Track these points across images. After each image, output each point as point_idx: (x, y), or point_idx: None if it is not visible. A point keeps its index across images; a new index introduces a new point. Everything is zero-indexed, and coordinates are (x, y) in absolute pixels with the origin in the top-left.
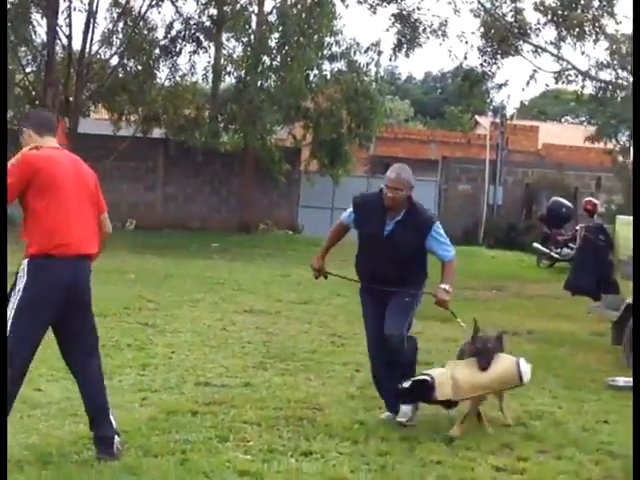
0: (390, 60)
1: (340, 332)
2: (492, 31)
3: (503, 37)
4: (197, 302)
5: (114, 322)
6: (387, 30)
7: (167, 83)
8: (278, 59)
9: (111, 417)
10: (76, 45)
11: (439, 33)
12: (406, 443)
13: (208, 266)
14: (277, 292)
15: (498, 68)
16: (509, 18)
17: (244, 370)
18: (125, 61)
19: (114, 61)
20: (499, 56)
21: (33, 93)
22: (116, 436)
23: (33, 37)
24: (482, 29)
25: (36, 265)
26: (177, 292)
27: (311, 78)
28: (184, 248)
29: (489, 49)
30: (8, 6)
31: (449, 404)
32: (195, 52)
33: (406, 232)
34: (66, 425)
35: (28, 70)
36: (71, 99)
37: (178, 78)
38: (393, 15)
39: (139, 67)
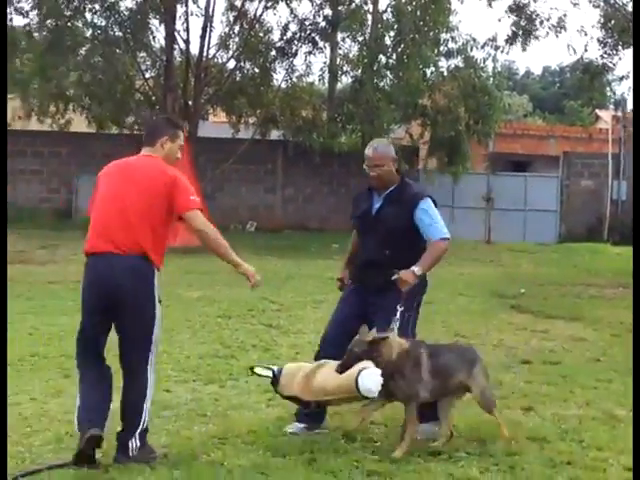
0: (502, 52)
1: (464, 332)
2: (612, 22)
3: (624, 28)
4: (320, 303)
5: (238, 323)
6: (499, 20)
7: (284, 85)
8: (394, 57)
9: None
10: (194, 49)
11: (557, 26)
12: (535, 443)
13: (329, 267)
14: None
15: (619, 60)
16: (630, 8)
17: None
18: (242, 64)
19: (231, 64)
20: (620, 47)
21: (153, 98)
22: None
23: (152, 43)
24: (602, 20)
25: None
26: (299, 293)
27: (428, 75)
28: (304, 249)
29: (609, 40)
30: (127, 13)
31: (307, 404)
32: (311, 53)
33: (394, 207)
34: (195, 426)
35: (148, 76)
36: (190, 103)
37: (295, 79)
38: (509, 7)
39: (256, 69)
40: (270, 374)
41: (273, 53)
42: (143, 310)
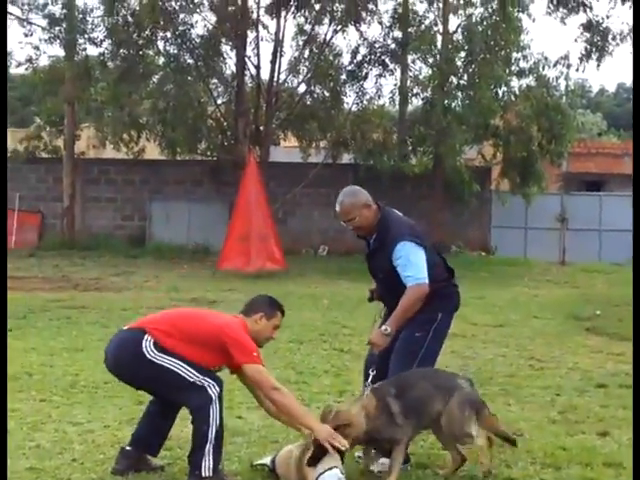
0: (577, 70)
1: (538, 355)
2: None
3: None
4: None
5: (310, 348)
6: (575, 40)
7: (354, 108)
8: (465, 77)
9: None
10: (264, 74)
11: (631, 41)
12: (611, 469)
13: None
14: (472, 315)
15: None
16: None
17: None
18: (312, 88)
19: (302, 88)
20: None
21: (225, 124)
22: None
23: (223, 69)
24: None
25: None
26: (371, 317)
27: (500, 95)
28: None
29: None
30: (198, 40)
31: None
32: (381, 75)
33: (380, 255)
34: (267, 452)
35: (219, 102)
36: (261, 128)
37: (365, 102)
38: (582, 25)
39: (326, 93)
40: (268, 464)
41: (343, 76)
42: None
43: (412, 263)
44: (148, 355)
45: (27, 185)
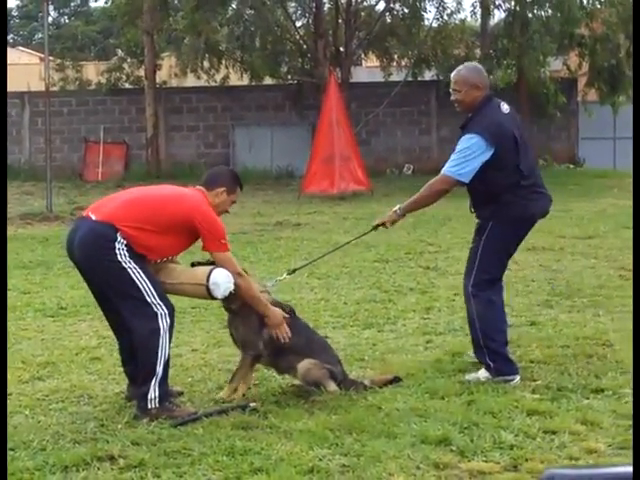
0: None
1: (629, 265)
2: None
3: None
4: None
5: (396, 267)
6: None
7: (435, 24)
8: None
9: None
10: None
11: None
12: None
13: None
14: (559, 228)
15: None
16: None
17: (529, 309)
18: (392, 5)
19: (381, 6)
20: None
21: (304, 47)
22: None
23: None
24: None
25: None
26: (457, 234)
27: (584, 2)
28: (462, 189)
29: None
30: None
31: None
32: None
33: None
34: (353, 370)
35: (298, 24)
36: (341, 49)
37: (446, 17)
38: None
39: (406, 10)
40: None
41: None
42: None
43: (457, 153)
44: (120, 258)
45: (111, 117)
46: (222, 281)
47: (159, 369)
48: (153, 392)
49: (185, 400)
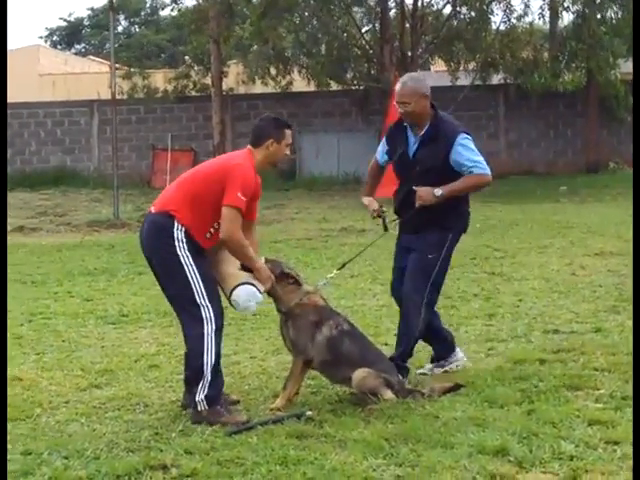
0: None
1: None
2: None
3: None
4: (545, 248)
5: (460, 273)
6: None
7: (502, 27)
8: None
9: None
10: None
11: None
12: None
13: (556, 210)
14: (629, 233)
15: None
16: None
17: (594, 315)
18: (458, 9)
19: (447, 10)
20: None
21: (370, 52)
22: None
23: None
24: None
25: None
26: (524, 239)
27: None
28: (529, 194)
29: None
30: None
31: None
32: None
33: (430, 149)
34: (412, 378)
35: (364, 30)
36: (408, 53)
37: (513, 20)
38: None
39: (472, 13)
40: None
41: None
42: None
43: (477, 154)
44: (179, 251)
45: (178, 124)
46: (242, 300)
47: (206, 372)
48: (201, 394)
49: (241, 408)
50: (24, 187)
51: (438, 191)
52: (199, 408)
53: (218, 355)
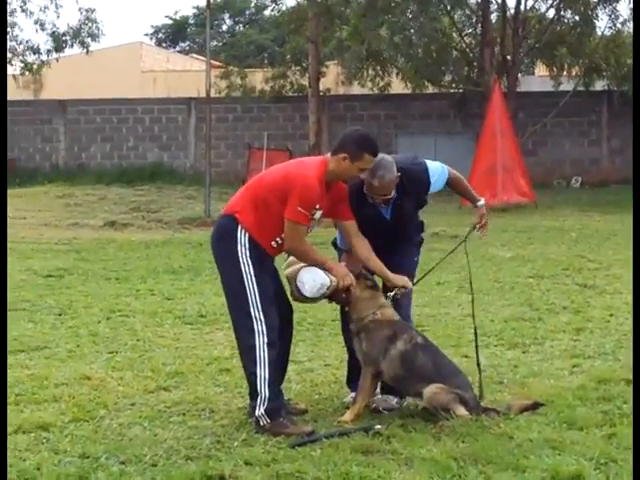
0: None
1: None
2: None
3: None
4: None
5: (551, 284)
6: None
7: (607, 32)
8: None
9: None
10: (510, 1)
11: None
12: None
13: None
14: None
15: None
16: None
17: None
18: (562, 13)
19: (550, 14)
20: None
21: (470, 55)
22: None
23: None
24: None
25: None
26: (621, 250)
27: None
28: (630, 203)
29: None
30: None
31: None
32: None
33: (408, 200)
34: (489, 394)
35: (464, 32)
36: (508, 57)
37: (619, 25)
38: None
39: (577, 18)
40: None
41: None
42: None
43: (437, 165)
44: (240, 257)
45: (275, 124)
46: (306, 279)
47: (260, 388)
48: (260, 409)
49: (308, 419)
50: (121, 182)
51: (482, 202)
52: (261, 423)
53: (274, 368)
